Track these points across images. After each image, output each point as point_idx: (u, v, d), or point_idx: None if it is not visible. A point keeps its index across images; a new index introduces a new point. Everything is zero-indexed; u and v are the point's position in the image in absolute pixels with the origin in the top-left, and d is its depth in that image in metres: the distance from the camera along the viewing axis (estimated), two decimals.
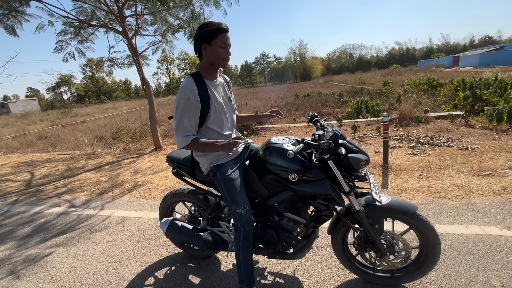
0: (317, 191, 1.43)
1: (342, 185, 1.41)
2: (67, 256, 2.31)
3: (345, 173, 1.42)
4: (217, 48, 1.43)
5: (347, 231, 1.65)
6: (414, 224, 1.46)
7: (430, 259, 1.49)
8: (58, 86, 53.82)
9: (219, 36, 1.41)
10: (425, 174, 3.32)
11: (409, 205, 1.45)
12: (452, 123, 6.00)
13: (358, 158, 1.38)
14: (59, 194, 3.98)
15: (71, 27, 6.52)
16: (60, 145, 9.57)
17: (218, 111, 1.53)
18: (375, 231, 1.48)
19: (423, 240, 1.50)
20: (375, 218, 1.47)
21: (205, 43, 1.43)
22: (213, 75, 1.54)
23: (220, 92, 1.57)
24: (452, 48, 55.91)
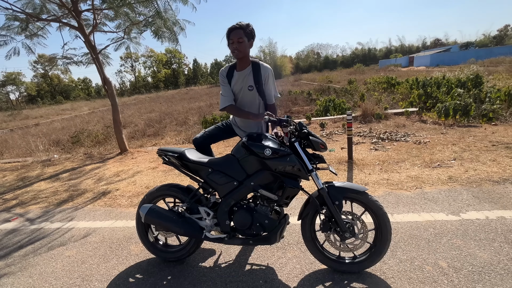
0: (286, 163, 1.65)
1: (305, 163, 1.65)
2: (20, 277, 2.09)
3: (308, 156, 1.70)
4: (229, 44, 1.93)
5: (315, 216, 1.79)
6: (367, 205, 1.66)
7: (383, 238, 1.65)
8: (3, 85, 47.79)
9: (229, 36, 1.91)
10: (385, 167, 3.60)
11: (360, 186, 1.71)
12: (408, 119, 6.57)
13: (318, 141, 1.69)
14: (8, 207, 3.58)
15: (16, 20, 5.85)
16: (8, 151, 8.57)
17: (235, 92, 2.06)
18: (336, 207, 1.66)
19: (376, 221, 1.68)
20: (335, 195, 1.68)
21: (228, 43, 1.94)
22: (239, 66, 2.03)
23: (240, 82, 2.03)
24: (408, 49, 60.95)
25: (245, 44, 1.89)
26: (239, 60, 1.98)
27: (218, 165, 1.84)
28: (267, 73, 2.01)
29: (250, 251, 2.11)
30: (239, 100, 2.07)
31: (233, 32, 1.86)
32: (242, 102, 2.06)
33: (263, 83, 2.00)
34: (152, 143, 7.60)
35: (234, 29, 1.86)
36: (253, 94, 2.01)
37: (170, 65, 61.96)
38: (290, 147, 1.72)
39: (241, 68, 2.00)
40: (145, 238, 2.09)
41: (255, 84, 1.99)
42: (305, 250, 2.05)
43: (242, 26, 1.85)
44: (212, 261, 2.04)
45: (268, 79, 2.03)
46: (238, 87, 2.02)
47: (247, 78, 1.98)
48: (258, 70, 1.99)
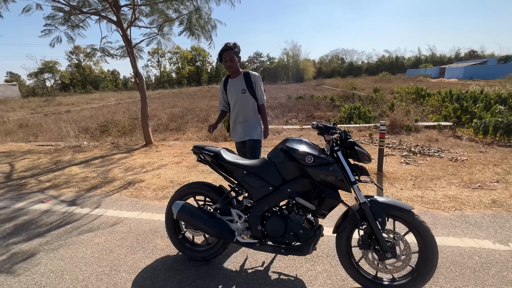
0: (328, 173, 1.58)
1: (348, 175, 1.57)
2: (53, 258, 2.17)
3: (351, 166, 1.61)
4: (223, 62, 2.40)
5: (352, 230, 1.69)
6: (412, 225, 1.55)
7: (429, 262, 1.52)
8: (41, 72, 51.24)
9: (222, 55, 2.36)
10: (418, 183, 3.40)
11: (405, 204, 1.59)
12: (441, 133, 6.20)
13: (363, 152, 1.61)
14: (42, 189, 3.77)
15: (60, 12, 6.20)
16: (42, 135, 9.11)
17: (230, 97, 2.55)
18: (378, 224, 1.56)
19: (422, 244, 1.55)
20: (377, 211, 1.57)
21: (220, 60, 2.40)
22: (232, 75, 2.51)
23: (234, 87, 2.49)
24: (438, 59, 58.06)
25: (235, 61, 2.36)
26: (232, 72, 2.47)
27: (254, 168, 1.80)
28: (255, 79, 2.46)
29: (277, 259, 2.05)
30: (236, 101, 2.50)
31: (225, 53, 2.32)
32: (238, 102, 2.49)
33: (254, 86, 2.45)
34: (174, 138, 7.75)
35: (225, 50, 2.32)
36: (247, 96, 2.46)
37: (194, 63, 63.37)
38: (331, 156, 1.64)
39: (234, 76, 2.50)
40: (173, 234, 2.09)
41: (247, 87, 2.44)
42: (335, 264, 1.95)
43: (231, 47, 2.32)
44: (238, 265, 2.00)
45: (257, 83, 2.47)
46: (234, 92, 2.48)
47: (240, 84, 2.45)
48: (249, 77, 2.46)
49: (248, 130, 2.50)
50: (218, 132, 8.00)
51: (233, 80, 2.48)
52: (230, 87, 2.50)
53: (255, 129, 2.52)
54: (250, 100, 2.47)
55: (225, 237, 1.81)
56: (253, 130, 2.51)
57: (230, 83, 2.51)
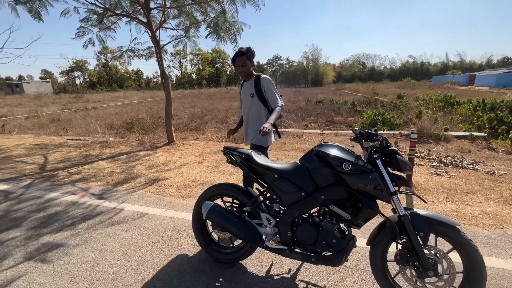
0: (367, 182, 1.50)
1: (388, 185, 1.48)
2: (84, 250, 2.25)
3: (390, 176, 1.52)
4: (236, 67, 2.39)
5: (389, 243, 1.60)
6: (458, 242, 1.43)
7: (475, 285, 1.41)
8: (71, 71, 54.47)
9: (235, 60, 2.35)
10: (452, 197, 3.19)
11: (450, 220, 1.47)
12: (473, 144, 5.83)
13: (405, 161, 1.51)
14: (73, 181, 3.95)
15: (95, 14, 6.53)
16: (71, 129, 9.61)
17: (242, 100, 2.58)
18: (419, 239, 1.46)
19: (467, 264, 1.43)
20: (419, 226, 1.47)
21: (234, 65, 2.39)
22: (247, 78, 2.48)
23: (245, 90, 2.50)
24: (468, 66, 55.07)
25: (248, 66, 2.35)
26: (245, 77, 2.47)
27: (285, 172, 1.76)
28: (264, 83, 2.39)
29: (304, 267, 1.99)
30: (246, 105, 2.50)
31: (238, 58, 2.31)
32: (247, 106, 2.49)
33: (263, 91, 2.39)
34: (194, 137, 7.87)
35: (238, 55, 2.31)
36: (255, 100, 2.42)
37: (214, 64, 64.52)
38: (369, 164, 1.56)
39: (247, 79, 2.49)
40: (200, 234, 2.09)
41: (256, 91, 2.40)
42: (366, 277, 1.86)
43: (244, 52, 2.30)
44: (264, 270, 1.96)
45: (267, 87, 2.38)
46: (244, 95, 2.51)
47: (250, 87, 2.43)
48: (258, 80, 2.40)
49: (255, 134, 2.44)
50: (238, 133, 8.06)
51: (246, 84, 2.49)
52: (243, 90, 2.52)
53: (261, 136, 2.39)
54: (258, 104, 2.41)
55: (254, 241, 1.78)
56: (260, 137, 2.41)
57: (243, 86, 2.52)
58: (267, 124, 1.99)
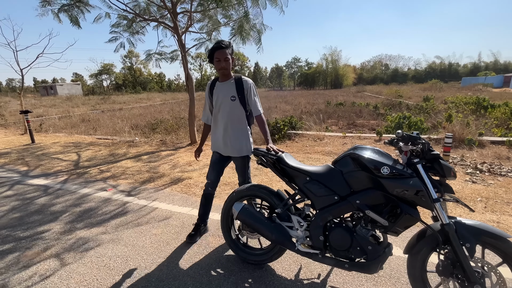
0: (408, 187, 1.43)
1: (430, 191, 1.40)
2: (117, 244, 2.35)
3: (432, 182, 1.43)
4: (214, 62, 2.05)
5: (430, 253, 1.51)
6: (509, 255, 1.32)
7: None
8: (100, 74, 57.75)
9: (215, 53, 2.01)
10: (491, 206, 2.98)
11: (500, 231, 1.38)
12: (511, 150, 5.41)
13: (450, 166, 1.43)
14: (104, 178, 4.15)
15: (125, 19, 6.87)
16: (100, 129, 10.14)
17: (217, 103, 2.17)
18: (465, 251, 1.37)
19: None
20: (465, 236, 1.38)
21: (211, 60, 2.07)
22: (222, 79, 2.16)
23: (223, 92, 2.14)
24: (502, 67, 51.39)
25: (229, 62, 2.05)
26: (224, 75, 2.13)
27: (318, 175, 1.73)
28: (248, 85, 2.13)
29: (333, 273, 1.94)
30: (223, 109, 2.15)
31: (219, 51, 2.00)
32: (223, 111, 2.15)
33: (245, 94, 2.13)
34: None
35: (220, 48, 1.99)
36: (236, 104, 2.12)
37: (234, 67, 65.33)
38: (409, 168, 1.49)
39: (224, 80, 2.15)
40: (228, 233, 2.11)
41: (237, 95, 2.11)
42: (401, 287, 1.78)
43: (227, 45, 2.01)
44: (293, 274, 1.94)
45: (250, 91, 2.13)
46: (220, 97, 2.14)
47: (229, 89, 2.12)
48: (241, 83, 2.12)
49: (237, 144, 2.17)
50: (257, 135, 8.08)
51: (222, 84, 2.14)
52: (218, 91, 2.15)
53: (244, 144, 2.19)
54: (240, 109, 2.13)
55: (285, 244, 1.77)
56: (243, 145, 2.18)
57: (218, 86, 2.16)
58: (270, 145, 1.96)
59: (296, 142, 6.84)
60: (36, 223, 2.78)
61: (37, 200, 3.39)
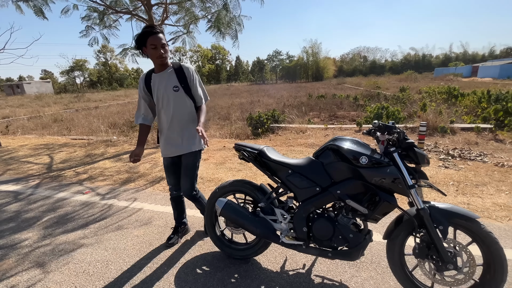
0: (385, 175, 1.48)
1: (406, 178, 1.46)
2: (97, 248, 2.26)
3: (408, 169, 1.49)
4: (149, 50, 1.79)
5: (407, 237, 1.59)
6: (478, 235, 1.42)
7: (497, 278, 1.40)
8: (72, 70, 54.46)
9: (149, 39, 1.75)
10: (462, 189, 3.17)
11: (470, 212, 1.46)
12: (479, 136, 5.79)
13: (424, 154, 1.49)
14: (80, 180, 3.95)
15: (95, 12, 6.47)
16: (75, 129, 9.62)
17: (158, 97, 1.93)
18: (439, 233, 1.45)
19: (488, 256, 1.42)
20: (438, 219, 1.46)
21: (142, 46, 1.79)
22: (159, 69, 1.91)
23: (163, 83, 1.91)
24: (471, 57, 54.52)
25: (167, 49, 1.85)
26: (162, 65, 1.88)
27: (300, 167, 1.74)
28: (190, 72, 1.95)
29: (318, 263, 1.98)
30: (168, 102, 1.92)
31: (154, 37, 1.74)
32: (166, 105, 1.93)
33: (189, 83, 1.95)
34: None
35: (156, 33, 1.74)
36: (180, 94, 1.93)
37: (214, 61, 64.26)
38: (386, 157, 1.54)
39: (160, 70, 1.91)
40: (212, 230, 2.09)
41: (180, 84, 1.91)
42: (382, 272, 1.85)
43: (162, 31, 1.81)
44: (278, 266, 1.96)
45: (194, 79, 1.97)
46: (161, 90, 1.90)
47: (169, 79, 1.90)
48: (181, 71, 1.92)
49: (188, 140, 1.98)
50: (241, 130, 8.02)
51: (159, 75, 1.89)
52: (157, 83, 1.90)
53: (195, 138, 2.01)
54: (186, 100, 1.94)
55: (270, 237, 1.78)
56: (193, 140, 2.00)
57: (155, 78, 1.91)
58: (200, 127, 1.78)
59: (279, 136, 6.88)
60: (7, 232, 2.60)
61: (7, 207, 3.16)
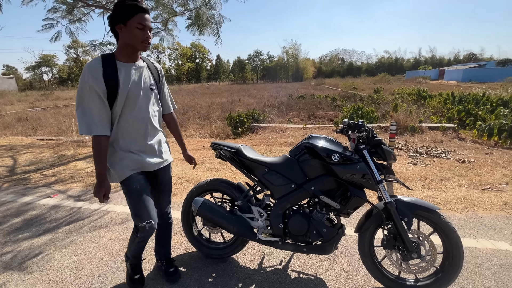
0: (355, 171, 1.55)
1: (374, 174, 1.55)
2: (66, 254, 2.13)
3: (376, 165, 1.59)
4: (133, 29, 1.33)
5: (376, 229, 1.69)
6: (438, 225, 1.54)
7: (455, 264, 1.52)
8: (38, 66, 50.59)
9: (136, 15, 1.32)
10: (428, 184, 3.40)
11: (431, 204, 1.58)
12: (444, 135, 6.23)
13: (390, 151, 1.60)
14: (48, 183, 3.71)
15: (63, 4, 6.09)
16: (42, 129, 8.99)
17: (130, 94, 1.40)
18: (404, 224, 1.55)
19: (447, 244, 1.55)
20: (403, 211, 1.56)
21: (120, 23, 1.33)
22: (131, 57, 1.42)
23: (137, 77, 1.43)
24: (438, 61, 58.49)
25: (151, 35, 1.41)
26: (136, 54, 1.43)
27: (275, 165, 1.77)
28: (162, 73, 1.63)
29: (295, 258, 2.03)
30: (142, 102, 1.46)
31: (144, 16, 1.33)
32: (144, 107, 1.47)
33: (161, 85, 1.62)
34: None
35: (146, 11, 1.35)
36: (156, 97, 1.56)
37: (194, 59, 63.07)
38: (356, 154, 1.62)
39: (133, 60, 1.42)
40: (189, 231, 2.06)
41: (156, 84, 1.55)
42: (354, 264, 1.94)
43: (148, 11, 1.38)
44: (256, 263, 1.98)
45: (164, 80, 1.66)
46: (134, 85, 1.41)
47: (145, 74, 1.47)
48: (155, 68, 1.57)
49: (164, 149, 1.64)
50: (221, 129, 7.96)
51: (129, 66, 1.41)
52: (127, 76, 1.39)
53: (167, 147, 1.70)
54: (159, 104, 1.60)
55: (247, 235, 1.79)
56: (167, 149, 1.69)
57: (124, 69, 1.38)
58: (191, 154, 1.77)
59: (259, 135, 6.93)
60: None
61: None
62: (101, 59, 1.34)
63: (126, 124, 1.44)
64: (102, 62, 1.34)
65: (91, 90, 1.32)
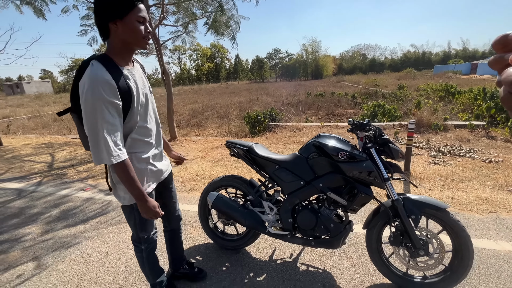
0: (362, 169, 1.59)
1: (381, 172, 1.58)
2: (97, 241, 2.39)
3: (384, 163, 1.62)
4: (133, 23, 1.10)
5: (383, 226, 1.72)
6: (447, 224, 1.54)
7: (463, 263, 1.52)
8: (71, 70, 54.47)
9: (135, 8, 1.10)
10: (448, 184, 3.29)
11: (440, 202, 1.58)
12: (472, 133, 5.90)
13: (398, 149, 1.63)
14: (82, 178, 4.08)
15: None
16: (74, 128, 9.74)
17: (142, 101, 1.22)
18: (411, 222, 1.57)
19: (456, 243, 1.55)
20: (411, 209, 1.59)
21: (116, 18, 1.08)
22: (128, 58, 1.21)
23: (140, 81, 1.25)
24: (471, 54, 54.40)
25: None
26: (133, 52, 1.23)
27: (286, 162, 1.86)
28: (144, 68, 1.41)
29: (304, 252, 2.11)
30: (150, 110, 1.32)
31: (142, 5, 1.13)
32: (153, 111, 1.36)
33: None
34: (195, 133, 7.99)
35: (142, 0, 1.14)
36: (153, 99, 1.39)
37: (214, 59, 64.22)
38: (364, 153, 1.66)
39: (129, 60, 1.23)
40: (206, 223, 2.22)
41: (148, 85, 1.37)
42: (363, 260, 1.98)
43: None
44: (267, 256, 2.09)
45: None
46: (141, 91, 1.24)
47: (142, 76, 1.30)
48: (143, 67, 1.38)
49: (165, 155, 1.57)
50: (238, 128, 8.14)
51: (132, 70, 1.22)
52: (135, 81, 1.21)
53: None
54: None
55: (258, 228, 1.90)
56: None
57: (128, 73, 1.19)
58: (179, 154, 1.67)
59: (276, 134, 7.00)
60: (12, 227, 2.73)
61: (11, 204, 3.29)
62: (103, 66, 1.09)
63: (140, 136, 1.28)
64: (106, 69, 1.09)
65: (110, 107, 1.08)
